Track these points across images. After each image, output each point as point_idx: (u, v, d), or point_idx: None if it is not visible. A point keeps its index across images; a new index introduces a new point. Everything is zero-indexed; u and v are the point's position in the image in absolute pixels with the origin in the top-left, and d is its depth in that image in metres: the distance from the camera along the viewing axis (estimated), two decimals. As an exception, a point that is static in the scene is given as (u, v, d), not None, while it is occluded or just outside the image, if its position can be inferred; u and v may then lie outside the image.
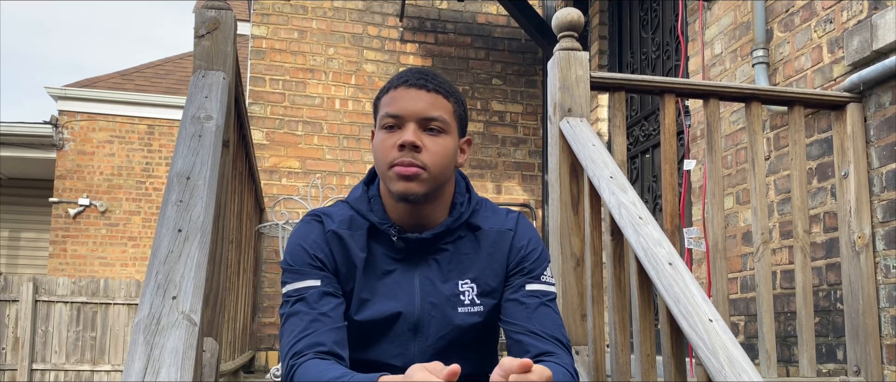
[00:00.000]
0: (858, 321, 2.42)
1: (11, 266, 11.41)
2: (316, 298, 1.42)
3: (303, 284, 1.43)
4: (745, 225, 3.23)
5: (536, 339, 1.43)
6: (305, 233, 1.47)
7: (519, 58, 5.60)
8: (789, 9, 3.03)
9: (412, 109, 1.41)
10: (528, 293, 1.48)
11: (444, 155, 1.43)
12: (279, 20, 5.20)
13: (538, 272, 1.50)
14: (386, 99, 1.45)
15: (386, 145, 1.42)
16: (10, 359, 8.03)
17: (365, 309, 1.45)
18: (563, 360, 1.42)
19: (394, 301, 1.45)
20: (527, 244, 1.51)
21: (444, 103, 1.45)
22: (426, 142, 1.41)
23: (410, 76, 1.45)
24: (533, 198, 5.44)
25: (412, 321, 1.45)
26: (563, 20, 2.32)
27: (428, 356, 1.46)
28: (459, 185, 1.53)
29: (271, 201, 4.89)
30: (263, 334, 4.77)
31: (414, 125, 1.41)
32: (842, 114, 2.56)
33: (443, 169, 1.43)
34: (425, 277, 1.47)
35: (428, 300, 1.46)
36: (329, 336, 1.39)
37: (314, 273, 1.44)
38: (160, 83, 11.08)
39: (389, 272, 1.47)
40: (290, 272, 1.45)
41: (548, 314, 1.47)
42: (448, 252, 1.48)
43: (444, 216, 1.48)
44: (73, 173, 10.17)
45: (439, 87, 1.45)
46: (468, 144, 1.54)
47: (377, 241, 1.48)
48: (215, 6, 2.05)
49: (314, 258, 1.44)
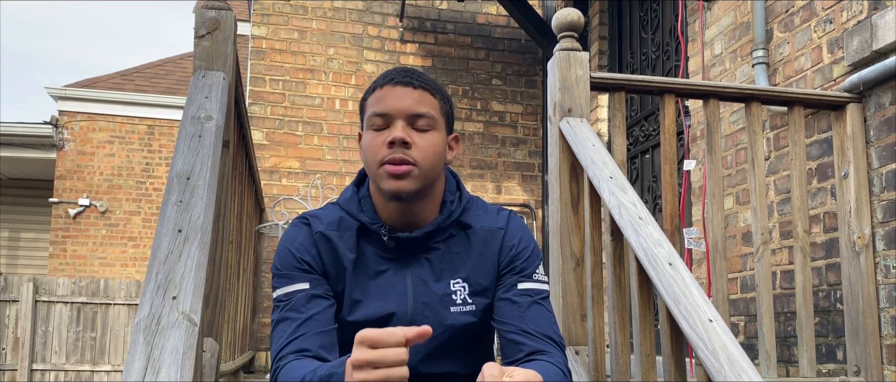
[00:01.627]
0: (858, 321, 2.42)
1: (11, 266, 11.41)
2: (304, 301, 1.41)
3: (291, 288, 1.43)
4: (745, 225, 3.23)
5: (529, 338, 1.43)
6: (292, 236, 1.47)
7: (519, 58, 5.60)
8: (789, 9, 3.03)
9: (400, 107, 1.41)
10: (520, 293, 1.47)
11: (434, 151, 1.42)
12: (279, 20, 5.20)
13: (530, 270, 1.49)
14: (372, 99, 1.45)
15: (375, 143, 1.41)
16: (10, 359, 8.03)
17: (357, 310, 1.45)
18: (555, 359, 1.41)
19: (386, 302, 1.45)
20: (518, 242, 1.51)
21: (430, 100, 1.44)
22: (415, 138, 1.40)
23: (396, 75, 1.45)
24: (533, 198, 5.44)
25: (405, 321, 1.44)
26: (563, 20, 2.32)
27: (421, 356, 1.45)
28: (450, 183, 1.53)
29: (271, 202, 4.89)
30: (263, 334, 4.77)
31: (402, 122, 1.40)
32: (842, 114, 2.56)
33: (433, 165, 1.42)
34: (417, 276, 1.46)
35: (421, 300, 1.45)
36: (315, 340, 1.38)
37: (302, 276, 1.43)
38: (160, 83, 11.08)
39: (381, 272, 1.46)
40: (278, 277, 1.45)
41: (541, 312, 1.46)
42: (440, 251, 1.47)
43: (435, 215, 1.48)
44: (73, 173, 10.17)
45: (425, 84, 1.45)
46: (456, 141, 1.54)
47: (368, 241, 1.47)
48: (215, 6, 2.05)
49: (301, 261, 1.44)
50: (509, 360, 1.44)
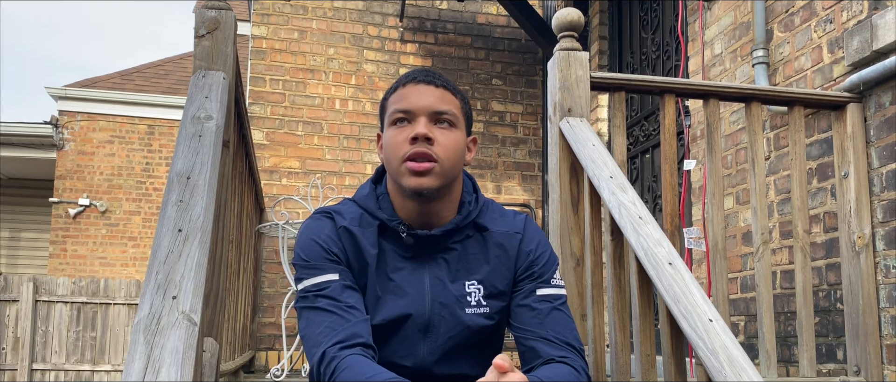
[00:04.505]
0: (858, 321, 2.42)
1: (11, 266, 11.41)
2: (339, 291, 1.40)
3: (322, 278, 1.41)
4: (745, 225, 3.23)
5: (549, 345, 1.42)
6: (318, 228, 1.46)
7: (519, 58, 5.60)
8: (789, 9, 3.02)
9: (423, 104, 1.42)
10: (539, 299, 1.47)
11: (455, 149, 1.43)
12: (279, 20, 5.20)
13: (548, 275, 1.50)
14: (394, 97, 1.46)
15: (397, 139, 1.42)
16: (10, 359, 8.03)
17: (376, 308, 1.45)
18: (575, 363, 1.41)
19: (404, 301, 1.44)
20: (535, 247, 1.51)
21: (452, 99, 1.46)
22: (437, 135, 1.41)
23: (418, 74, 1.47)
24: (533, 198, 5.44)
25: (422, 321, 1.44)
26: (563, 20, 2.32)
27: (437, 356, 1.45)
28: (467, 185, 1.54)
29: (271, 201, 4.89)
30: (263, 334, 4.77)
31: (425, 119, 1.41)
32: (842, 114, 2.56)
33: (454, 163, 1.43)
34: (435, 276, 1.46)
35: (438, 300, 1.45)
36: (364, 327, 1.37)
37: (332, 267, 1.42)
38: (160, 83, 11.08)
39: (400, 269, 1.46)
40: (305, 268, 1.43)
41: (560, 318, 1.46)
42: (456, 252, 1.48)
43: (453, 215, 1.48)
44: (73, 173, 10.17)
45: (447, 84, 1.47)
46: (474, 143, 1.55)
47: (387, 239, 1.47)
48: (215, 6, 2.05)
49: (330, 253, 1.43)
50: (528, 367, 1.44)
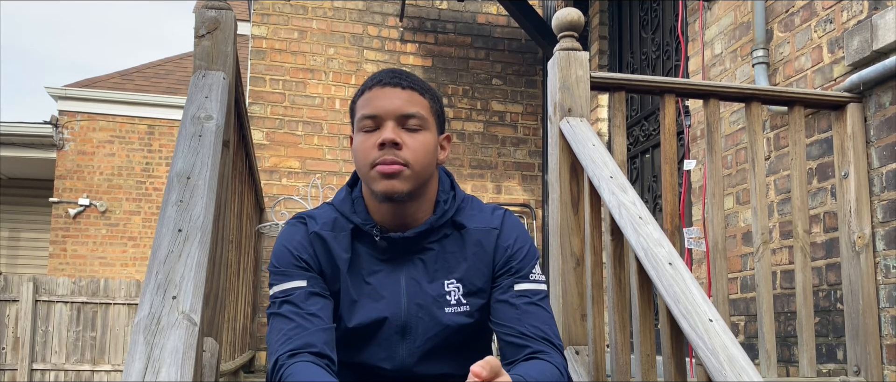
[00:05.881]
0: (858, 321, 2.42)
1: (11, 266, 11.41)
2: (303, 298, 1.41)
3: (289, 285, 1.43)
4: (745, 225, 3.23)
5: (527, 340, 1.42)
6: (290, 235, 1.47)
7: (519, 58, 5.60)
8: (789, 9, 3.02)
9: (389, 108, 1.41)
10: (517, 294, 1.46)
11: (425, 151, 1.42)
12: (279, 20, 5.20)
13: (526, 270, 1.48)
14: (361, 101, 1.44)
15: (365, 146, 1.41)
16: (10, 359, 8.03)
17: (352, 312, 1.45)
18: (553, 359, 1.40)
19: (380, 304, 1.44)
20: (513, 242, 1.49)
21: (420, 100, 1.44)
22: (406, 139, 1.40)
23: (384, 76, 1.44)
24: (533, 198, 5.44)
25: (399, 323, 1.44)
26: (563, 20, 2.32)
27: (416, 357, 1.45)
28: (444, 183, 1.52)
29: (271, 201, 4.89)
30: (263, 333, 4.77)
31: (392, 123, 1.40)
32: (842, 114, 2.56)
33: (424, 165, 1.42)
34: (411, 277, 1.46)
35: (414, 302, 1.44)
36: (319, 336, 1.38)
37: (300, 274, 1.43)
38: (160, 83, 11.08)
39: (376, 272, 1.46)
40: (276, 274, 1.45)
41: (538, 313, 1.45)
42: (433, 252, 1.47)
43: (429, 215, 1.47)
44: (73, 173, 10.17)
45: (414, 84, 1.44)
46: (448, 140, 1.53)
47: (362, 242, 1.47)
48: (215, 6, 2.05)
49: (299, 260, 1.44)
50: (508, 362, 1.44)
